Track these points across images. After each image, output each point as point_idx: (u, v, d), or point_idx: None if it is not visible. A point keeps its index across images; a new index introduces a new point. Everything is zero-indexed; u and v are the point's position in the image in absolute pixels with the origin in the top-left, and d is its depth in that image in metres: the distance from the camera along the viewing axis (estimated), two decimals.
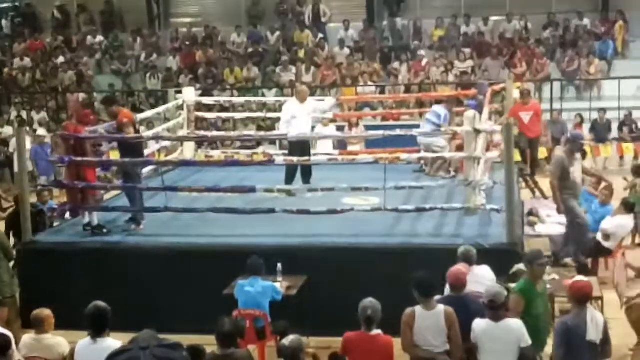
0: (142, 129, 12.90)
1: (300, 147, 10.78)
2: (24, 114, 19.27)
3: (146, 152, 11.12)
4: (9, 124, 18.49)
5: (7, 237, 9.44)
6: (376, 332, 6.38)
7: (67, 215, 10.67)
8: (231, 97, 17.71)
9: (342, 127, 15.61)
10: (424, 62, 19.48)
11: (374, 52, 20.37)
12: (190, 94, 13.51)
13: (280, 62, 20.10)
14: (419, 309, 6.50)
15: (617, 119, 17.16)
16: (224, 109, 15.92)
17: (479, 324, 6.35)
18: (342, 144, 14.77)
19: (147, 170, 11.24)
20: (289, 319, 7.57)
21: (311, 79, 19.28)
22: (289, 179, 10.69)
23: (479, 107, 10.93)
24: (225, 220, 9.41)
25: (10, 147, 17.00)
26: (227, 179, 10.76)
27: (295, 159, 10.34)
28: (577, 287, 6.24)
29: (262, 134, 13.69)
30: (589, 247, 10.03)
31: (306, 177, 10.86)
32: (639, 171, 11.73)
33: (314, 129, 12.04)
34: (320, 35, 21.03)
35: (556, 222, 10.47)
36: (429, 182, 10.59)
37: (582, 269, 9.33)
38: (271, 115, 13.60)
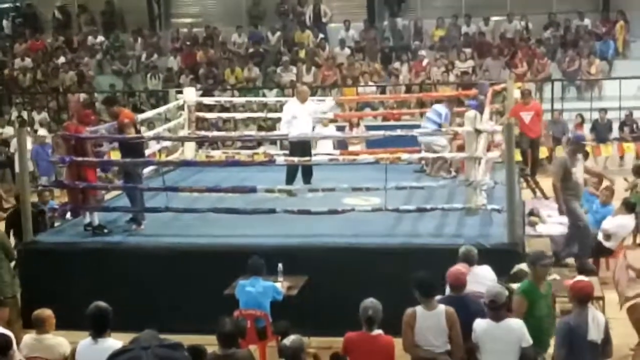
0: (143, 129, 12.91)
1: (301, 147, 10.78)
2: (25, 114, 19.26)
3: (147, 152, 11.14)
4: (10, 124, 18.50)
5: (7, 236, 9.45)
6: (377, 332, 6.38)
7: (68, 215, 10.66)
8: (232, 97, 17.69)
9: (342, 127, 15.62)
10: (425, 62, 19.47)
11: (374, 52, 20.36)
12: (191, 94, 13.52)
13: (281, 62, 20.09)
14: (419, 309, 6.50)
15: (618, 119, 17.16)
16: (225, 109, 15.92)
17: (480, 324, 6.35)
18: (343, 144, 14.76)
19: (147, 170, 11.24)
20: (290, 319, 7.56)
21: (312, 79, 19.27)
22: (290, 179, 10.69)
23: (480, 107, 10.93)
24: (226, 220, 9.41)
25: (11, 147, 17.01)
26: (227, 179, 10.76)
27: (296, 159, 10.33)
28: (578, 287, 6.23)
29: (263, 134, 13.69)
30: (591, 248, 10.03)
31: (307, 177, 10.86)
32: (639, 171, 11.74)
33: (314, 129, 12.03)
34: (320, 35, 21.02)
35: (557, 222, 10.46)
36: (430, 182, 10.59)
37: (587, 272, 9.30)
38: (272, 115, 13.60)
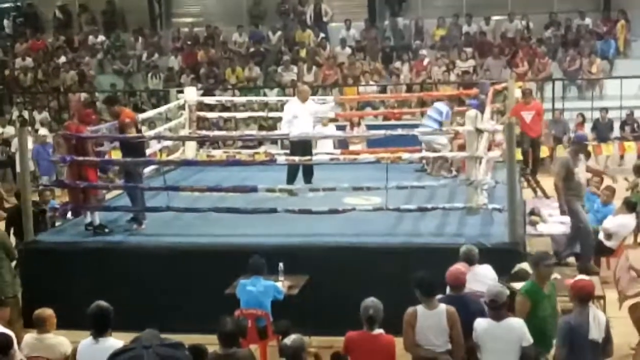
0: (144, 128, 12.93)
1: (301, 146, 10.77)
2: (26, 114, 19.25)
3: (148, 151, 11.14)
4: (11, 123, 18.51)
5: (7, 234, 9.46)
6: (378, 331, 6.38)
7: (68, 214, 10.66)
8: (233, 97, 17.67)
9: (343, 127, 15.62)
10: (426, 61, 19.45)
11: (375, 51, 20.34)
12: (191, 94, 13.52)
13: (281, 62, 20.07)
14: (420, 308, 6.51)
15: (619, 118, 17.15)
16: (226, 109, 15.92)
17: (481, 323, 6.35)
18: (344, 144, 14.76)
19: (148, 169, 11.25)
20: (290, 319, 7.56)
21: (313, 78, 19.26)
22: (291, 179, 10.69)
23: (481, 107, 10.92)
24: (227, 219, 9.41)
25: (12, 147, 17.04)
26: (228, 178, 10.76)
27: (296, 159, 10.33)
28: (579, 286, 6.23)
29: (264, 133, 13.67)
30: (592, 248, 10.03)
31: (308, 177, 10.86)
32: None
33: (314, 128, 12.02)
34: (321, 34, 21.00)
35: (558, 221, 10.46)
36: (431, 181, 10.60)
37: (590, 274, 9.30)
38: (273, 114, 13.59)
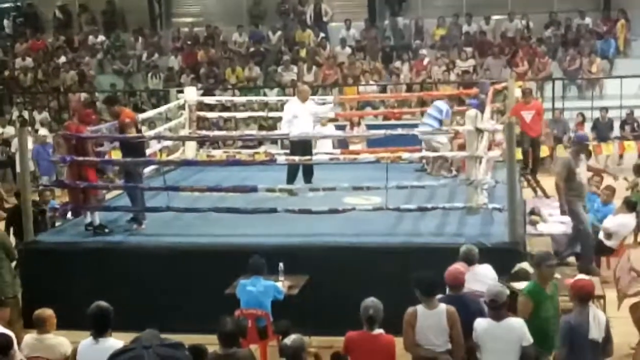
0: (144, 128, 12.92)
1: (301, 146, 10.77)
2: (26, 114, 19.25)
3: (148, 151, 11.14)
4: (11, 124, 18.51)
5: (7, 234, 9.45)
6: (378, 331, 6.38)
7: (68, 215, 10.67)
8: (233, 97, 17.66)
9: (343, 127, 15.61)
10: (426, 61, 19.45)
11: (375, 51, 20.34)
12: (191, 94, 13.51)
13: (281, 62, 20.07)
14: (420, 308, 6.50)
15: (619, 117, 17.16)
16: (226, 109, 15.92)
17: (481, 323, 6.35)
18: (344, 143, 14.76)
19: (148, 169, 11.25)
20: (290, 319, 7.56)
21: (313, 78, 19.26)
22: (291, 179, 10.69)
23: (481, 106, 10.91)
24: (227, 219, 9.40)
25: (12, 147, 17.04)
26: (228, 178, 10.76)
27: (296, 159, 10.34)
28: (579, 286, 6.23)
29: (264, 133, 13.67)
30: (593, 248, 10.03)
31: (308, 177, 10.86)
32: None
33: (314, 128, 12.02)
34: (321, 34, 21.00)
35: (558, 221, 10.45)
36: (431, 181, 10.60)
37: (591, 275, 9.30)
38: (273, 114, 13.58)
